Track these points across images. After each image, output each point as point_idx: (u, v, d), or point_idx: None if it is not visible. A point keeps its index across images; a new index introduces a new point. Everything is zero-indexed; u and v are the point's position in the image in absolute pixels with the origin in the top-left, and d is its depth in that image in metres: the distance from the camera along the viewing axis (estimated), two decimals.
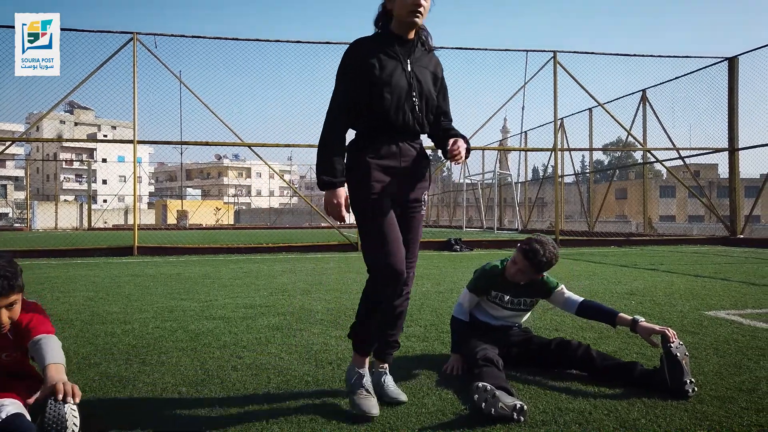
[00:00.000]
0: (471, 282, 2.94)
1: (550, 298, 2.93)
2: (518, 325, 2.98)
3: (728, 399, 2.29)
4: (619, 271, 7.23)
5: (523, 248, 2.77)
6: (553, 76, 12.47)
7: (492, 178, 26.12)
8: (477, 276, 2.92)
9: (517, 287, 2.85)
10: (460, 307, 2.94)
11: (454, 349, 2.86)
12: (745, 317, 4.00)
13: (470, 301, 2.93)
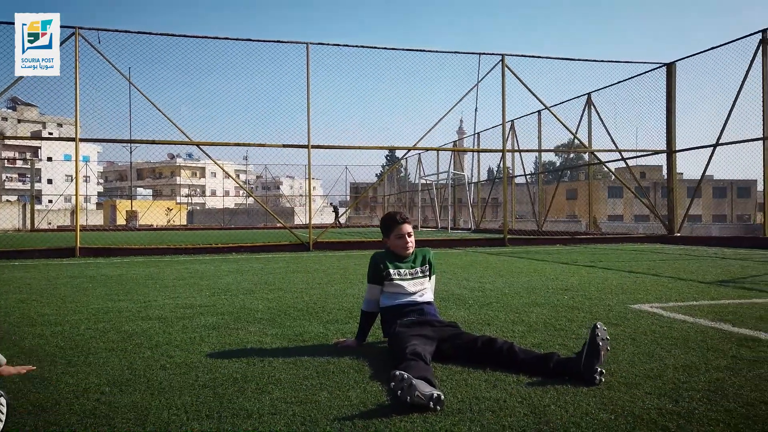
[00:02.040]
0: (367, 276, 3.22)
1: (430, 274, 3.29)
2: (432, 302, 3.21)
3: (635, 385, 2.44)
4: (559, 268, 7.49)
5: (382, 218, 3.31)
6: (502, 79, 12.77)
7: (446, 178, 26.48)
8: (369, 268, 3.22)
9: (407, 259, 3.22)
10: (365, 301, 3.21)
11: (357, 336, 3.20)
12: (667, 310, 4.23)
13: (372, 292, 3.20)
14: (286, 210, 49.71)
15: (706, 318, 3.87)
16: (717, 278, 6.15)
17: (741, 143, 11.71)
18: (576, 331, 3.49)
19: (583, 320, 3.84)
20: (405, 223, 3.22)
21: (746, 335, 3.33)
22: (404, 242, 3.19)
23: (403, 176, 39.65)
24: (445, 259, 9.22)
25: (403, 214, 3.29)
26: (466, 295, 5.09)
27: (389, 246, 3.27)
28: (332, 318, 4.04)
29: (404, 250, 3.19)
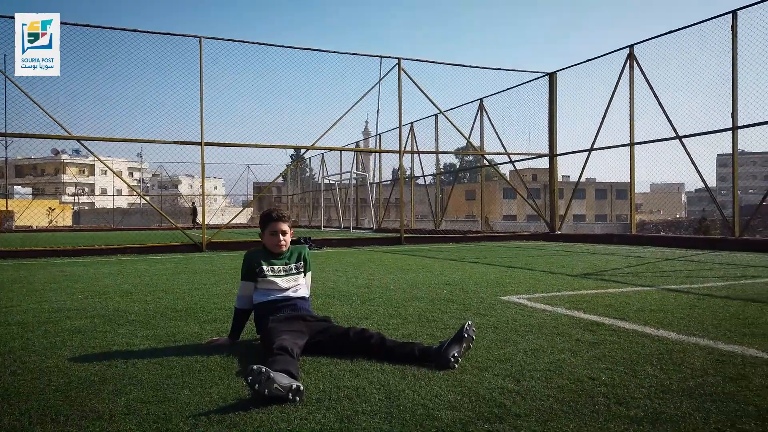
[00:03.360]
0: (241, 273, 3.25)
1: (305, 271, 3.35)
2: (306, 298, 3.27)
3: (486, 368, 2.64)
4: (446, 265, 7.83)
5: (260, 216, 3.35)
6: (398, 82, 13.09)
7: (349, 178, 26.66)
8: (242, 265, 3.25)
9: (282, 256, 3.26)
10: (238, 298, 3.22)
11: (230, 334, 3.20)
12: (532, 300, 4.58)
13: (245, 288, 3.22)
14: (184, 210, 47.63)
15: (563, 307, 4.24)
16: (582, 271, 6.74)
17: (612, 148, 12.84)
18: (446, 322, 3.70)
19: (455, 312, 4.07)
20: (279, 221, 3.25)
21: (593, 321, 3.70)
22: (277, 239, 3.22)
23: (307, 176, 39.42)
24: (341, 258, 9.32)
25: (279, 212, 3.33)
26: (353, 291, 5.20)
27: (264, 242, 3.30)
28: (211, 318, 3.98)
29: (277, 247, 3.23)
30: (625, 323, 3.61)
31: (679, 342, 3.09)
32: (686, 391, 2.27)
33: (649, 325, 3.52)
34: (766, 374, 2.47)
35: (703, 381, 2.40)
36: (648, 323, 3.59)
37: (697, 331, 3.33)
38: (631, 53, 12.05)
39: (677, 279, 5.90)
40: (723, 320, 3.65)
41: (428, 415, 2.05)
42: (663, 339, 3.17)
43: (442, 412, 2.08)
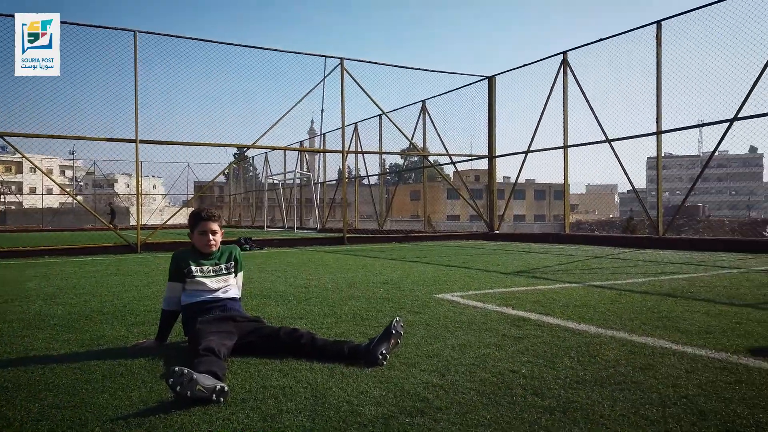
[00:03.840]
0: (168, 273, 3.18)
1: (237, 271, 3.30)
2: (237, 299, 3.23)
3: (414, 364, 2.70)
4: (386, 264, 7.90)
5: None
6: (341, 81, 13.10)
7: (293, 178, 26.42)
8: (170, 265, 3.17)
9: (212, 256, 3.21)
10: (165, 299, 3.16)
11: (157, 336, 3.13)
12: (465, 297, 4.70)
13: (172, 289, 3.15)
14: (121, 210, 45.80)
15: (494, 303, 4.37)
16: (516, 269, 6.96)
17: (548, 150, 13.30)
18: (380, 321, 3.74)
19: (390, 310, 4.12)
20: (209, 221, 3.21)
21: (520, 316, 3.84)
22: (206, 239, 3.17)
23: (251, 175, 38.73)
24: (281, 258, 9.24)
25: (209, 211, 3.27)
26: (290, 291, 5.18)
27: (193, 242, 3.24)
28: (139, 320, 3.87)
29: (207, 247, 3.18)
30: (550, 318, 3.76)
31: (598, 335, 3.26)
32: (598, 381, 2.40)
33: (572, 320, 3.69)
34: (672, 364, 2.64)
35: (614, 371, 2.54)
36: (571, 318, 3.76)
37: (615, 325, 3.52)
38: (565, 59, 12.53)
39: (603, 276, 6.20)
40: (640, 314, 3.87)
41: (352, 411, 2.08)
42: (583, 333, 3.33)
43: (366, 407, 2.11)
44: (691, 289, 5.00)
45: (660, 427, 1.89)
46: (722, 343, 3.01)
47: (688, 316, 3.77)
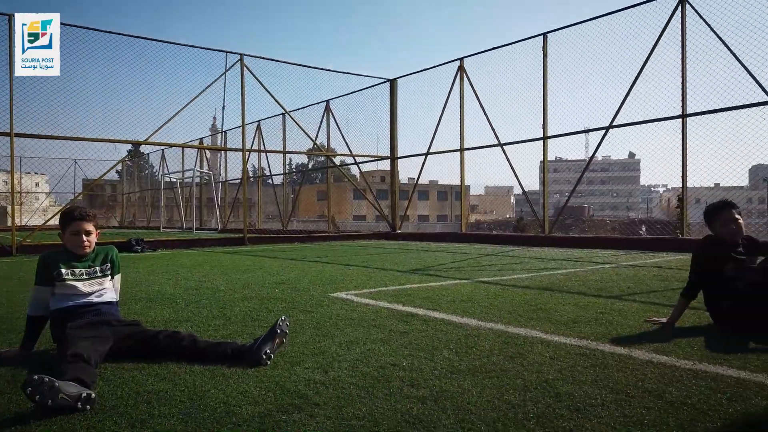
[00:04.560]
0: (35, 277, 2.99)
1: (113, 274, 3.18)
2: (114, 303, 3.09)
3: (299, 362, 2.71)
4: (285, 264, 7.83)
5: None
6: (241, 78, 12.79)
7: (192, 176, 25.39)
8: (37, 269, 2.99)
9: (85, 259, 3.06)
10: (32, 305, 2.97)
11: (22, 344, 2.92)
12: (359, 296, 4.77)
13: (40, 293, 2.98)
14: None
15: (386, 301, 4.48)
16: (412, 267, 7.17)
17: (447, 153, 13.78)
18: (270, 321, 3.69)
19: (282, 311, 4.10)
20: (82, 220, 3.03)
21: (409, 312, 3.97)
22: (79, 240, 3.00)
23: (146, 173, 36.70)
24: (175, 260, 8.86)
25: (83, 210, 3.09)
26: (179, 294, 4.99)
27: (65, 243, 3.05)
28: (5, 328, 3.57)
29: (79, 249, 3.00)
30: (436, 313, 3.92)
31: (478, 327, 3.45)
32: (471, 370, 2.55)
33: (456, 314, 3.86)
34: (539, 352, 2.86)
35: (487, 360, 2.70)
36: (456, 312, 3.94)
37: (494, 318, 3.74)
38: (461, 66, 13.05)
39: (491, 272, 6.54)
40: (518, 307, 4.13)
41: (228, 411, 2.06)
42: (465, 326, 3.50)
43: (243, 407, 2.10)
44: (567, 283, 5.41)
45: (519, 409, 2.05)
46: (585, 331, 3.29)
47: (560, 308, 4.08)
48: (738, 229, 3.44)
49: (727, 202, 3.53)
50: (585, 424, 1.90)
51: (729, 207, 3.47)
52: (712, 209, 3.54)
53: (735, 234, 3.44)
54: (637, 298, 4.50)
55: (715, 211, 3.51)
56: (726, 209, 3.47)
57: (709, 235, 3.58)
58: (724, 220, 3.45)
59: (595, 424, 1.90)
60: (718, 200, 3.60)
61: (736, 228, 3.43)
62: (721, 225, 3.46)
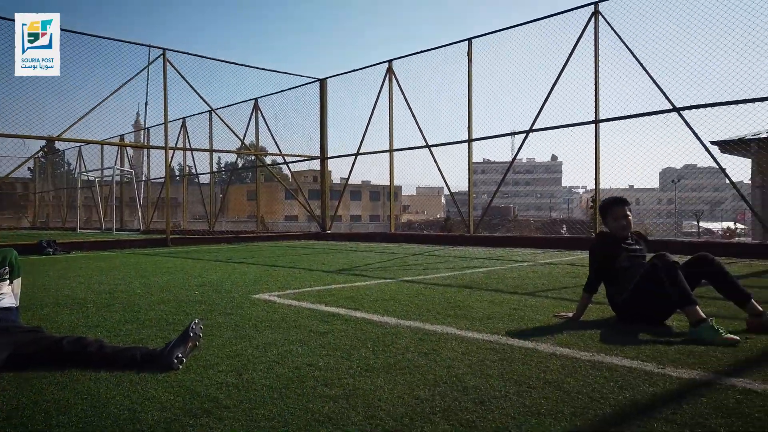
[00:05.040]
0: None
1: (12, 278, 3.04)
2: (13, 308, 2.94)
3: (213, 365, 2.66)
4: (209, 266, 7.64)
5: None
6: (163, 73, 12.34)
7: (112, 175, 24.21)
8: None
9: None
10: None
11: None
12: (282, 297, 4.74)
13: None
14: None
15: (309, 301, 4.48)
16: (339, 267, 7.18)
17: (378, 153, 13.89)
18: (186, 324, 3.62)
19: (200, 313, 4.00)
20: None
21: (331, 312, 3.98)
22: None
23: (62, 171, 34.57)
24: (90, 263, 8.43)
25: None
26: (90, 298, 4.76)
27: None
28: None
29: None
30: (358, 313, 3.96)
31: (396, 326, 3.51)
32: (386, 367, 2.60)
33: (378, 313, 3.92)
34: (452, 347, 2.95)
35: (402, 357, 2.77)
36: (377, 311, 3.99)
37: (414, 316, 3.82)
38: (390, 67, 13.20)
39: (416, 271, 6.66)
40: (437, 305, 4.24)
41: (133, 418, 2.00)
42: (384, 324, 3.56)
43: (149, 413, 2.04)
44: (486, 281, 5.61)
45: (427, 404, 2.11)
46: (497, 327, 3.43)
47: (477, 304, 4.23)
48: (627, 224, 3.70)
49: (620, 198, 3.79)
50: (487, 415, 1.99)
51: (621, 203, 3.72)
52: (606, 204, 3.80)
53: (624, 229, 3.69)
54: (549, 295, 4.73)
55: (608, 206, 3.76)
56: (619, 205, 3.72)
57: (601, 231, 3.84)
58: (616, 215, 3.70)
59: (496, 414, 2.00)
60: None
61: (626, 223, 3.69)
62: (613, 219, 3.71)
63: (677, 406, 2.04)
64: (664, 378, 2.39)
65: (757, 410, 2.00)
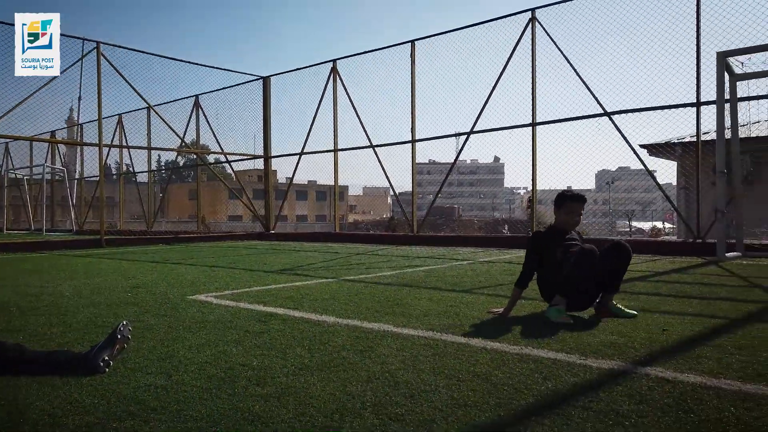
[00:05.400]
0: None
1: None
2: None
3: (141, 368, 2.59)
4: (145, 267, 7.40)
5: None
6: (97, 67, 11.86)
7: (42, 173, 23.02)
8: None
9: None
10: None
11: None
12: (219, 297, 4.66)
13: None
14: None
15: (248, 301, 4.42)
16: (281, 267, 7.12)
17: (321, 153, 13.83)
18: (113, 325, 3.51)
19: (132, 315, 3.88)
20: None
21: (269, 312, 3.95)
22: None
23: None
24: (15, 265, 8.00)
25: None
26: (13, 302, 4.53)
27: None
28: None
29: None
30: (297, 312, 3.94)
31: (335, 324, 3.52)
32: (320, 365, 2.61)
33: (317, 312, 3.92)
34: (387, 344, 2.99)
35: (338, 355, 2.78)
36: (317, 311, 3.99)
37: (352, 314, 3.85)
38: (334, 67, 13.18)
39: (358, 271, 6.69)
40: (377, 303, 4.28)
41: (53, 423, 1.93)
42: (322, 323, 3.57)
43: (71, 418, 1.98)
44: (426, 279, 5.70)
45: (359, 400, 2.14)
46: (433, 323, 3.50)
47: (415, 302, 4.30)
48: (577, 222, 3.85)
49: (581, 196, 3.85)
50: (416, 408, 2.04)
51: (581, 201, 3.81)
52: (566, 197, 3.83)
53: (573, 225, 3.85)
54: (485, 292, 4.86)
55: (567, 199, 3.81)
56: (578, 201, 3.80)
57: (550, 225, 3.98)
58: (572, 210, 3.79)
59: (425, 407, 2.05)
60: (576, 191, 3.96)
61: (577, 220, 3.83)
62: (567, 213, 3.79)
63: (594, 395, 2.16)
64: (585, 368, 2.51)
65: (665, 396, 2.13)
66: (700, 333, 3.19)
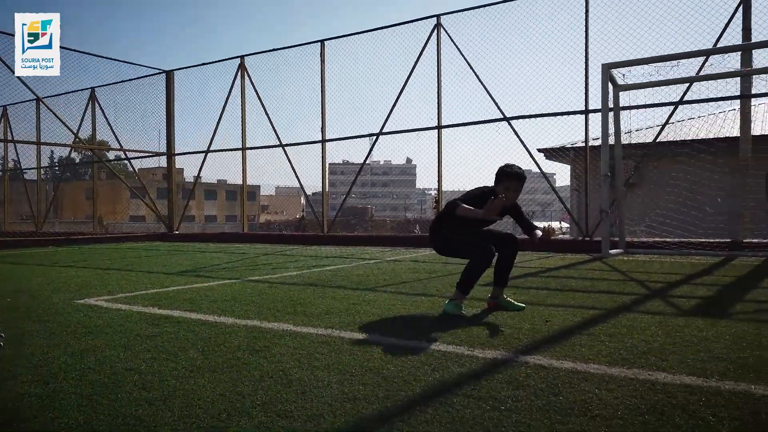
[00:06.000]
0: None
1: None
2: None
3: (15, 377, 2.42)
4: (30, 270, 6.87)
5: None
6: None
7: None
8: None
9: None
10: None
11: None
12: (111, 301, 4.43)
13: None
14: None
15: (141, 304, 4.24)
16: (182, 269, 6.87)
17: (229, 151, 13.45)
18: None
19: (9, 321, 3.61)
20: None
21: (163, 315, 3.81)
22: None
23: None
24: None
25: None
26: None
27: None
28: None
29: None
30: (193, 314, 3.83)
31: (233, 325, 3.46)
32: (212, 367, 2.56)
33: (215, 314, 3.83)
34: (285, 344, 2.98)
35: (232, 356, 2.74)
36: (215, 312, 3.90)
37: (252, 315, 3.80)
38: (242, 63, 12.88)
39: (264, 271, 6.59)
40: (278, 303, 4.25)
41: None
42: (220, 324, 3.49)
43: None
44: (332, 279, 5.73)
45: (249, 399, 2.13)
46: (333, 321, 3.54)
47: (318, 301, 4.31)
48: (513, 198, 3.79)
49: (522, 175, 3.81)
50: (306, 404, 2.07)
51: (521, 180, 3.78)
52: (511, 173, 3.76)
53: (509, 201, 3.76)
54: (388, 290, 4.96)
55: (510, 176, 3.75)
56: (518, 180, 3.77)
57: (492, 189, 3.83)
58: (510, 187, 3.75)
59: (315, 403, 2.08)
60: (525, 169, 3.93)
61: (513, 197, 3.78)
62: (505, 188, 3.75)
63: (477, 383, 2.28)
64: (472, 359, 2.65)
65: (540, 381, 2.30)
66: (578, 323, 3.46)
